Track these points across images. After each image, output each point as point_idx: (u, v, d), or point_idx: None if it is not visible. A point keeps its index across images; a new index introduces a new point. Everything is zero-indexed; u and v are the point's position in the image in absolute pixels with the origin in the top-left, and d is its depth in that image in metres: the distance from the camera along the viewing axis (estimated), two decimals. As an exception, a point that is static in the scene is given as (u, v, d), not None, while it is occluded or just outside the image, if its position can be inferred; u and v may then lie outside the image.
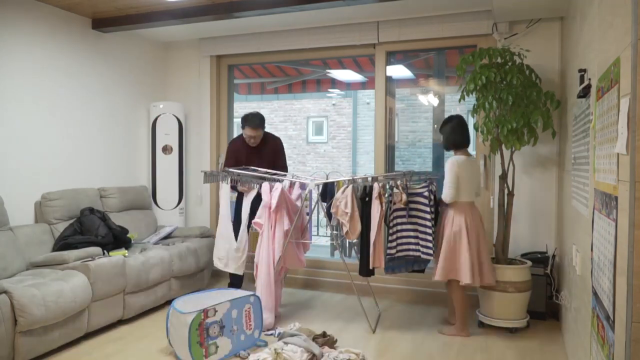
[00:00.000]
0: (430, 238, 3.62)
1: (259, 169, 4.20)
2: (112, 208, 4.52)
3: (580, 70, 2.69)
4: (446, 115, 3.96)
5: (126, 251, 3.94)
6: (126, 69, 5.02)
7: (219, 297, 3.31)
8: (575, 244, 2.88)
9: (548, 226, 4.14)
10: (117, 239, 4.04)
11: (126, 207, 4.69)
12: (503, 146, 3.74)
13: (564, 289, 3.50)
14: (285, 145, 4.59)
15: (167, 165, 5.14)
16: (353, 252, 4.06)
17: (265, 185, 3.80)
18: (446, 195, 3.56)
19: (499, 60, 3.70)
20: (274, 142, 4.44)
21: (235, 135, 4.89)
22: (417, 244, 3.70)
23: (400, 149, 10.88)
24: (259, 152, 4.33)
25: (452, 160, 3.57)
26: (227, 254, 4.01)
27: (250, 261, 4.08)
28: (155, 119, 5.14)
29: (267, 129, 4.43)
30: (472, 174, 3.62)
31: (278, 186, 3.76)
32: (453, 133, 3.66)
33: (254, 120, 4.21)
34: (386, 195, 3.70)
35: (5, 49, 3.82)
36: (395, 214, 3.73)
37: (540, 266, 3.87)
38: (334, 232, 3.87)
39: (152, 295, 4.06)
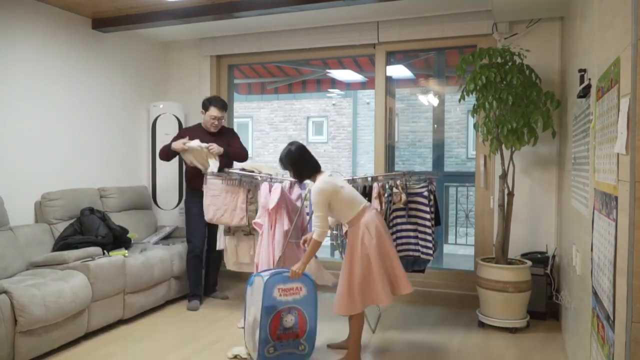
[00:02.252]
0: (430, 238, 3.62)
1: (258, 167, 4.20)
2: (112, 208, 4.52)
3: (580, 70, 2.69)
4: (446, 115, 3.95)
5: (126, 251, 3.94)
6: (126, 69, 5.02)
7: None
8: (575, 244, 2.88)
9: (548, 226, 4.14)
10: (117, 239, 4.04)
11: (126, 207, 4.68)
12: (503, 146, 3.74)
13: (564, 289, 3.50)
14: (285, 145, 4.58)
15: (167, 165, 5.13)
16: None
17: (265, 186, 3.80)
18: (320, 228, 3.02)
19: (499, 60, 3.70)
20: (229, 131, 4.51)
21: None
22: (417, 244, 3.70)
23: (400, 149, 10.89)
24: (218, 140, 4.20)
25: (314, 191, 3.04)
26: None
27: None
28: (155, 119, 5.13)
29: (267, 128, 4.43)
30: (343, 186, 3.13)
31: (278, 186, 3.76)
32: (305, 159, 3.17)
33: (220, 101, 4.25)
34: (386, 195, 3.70)
35: (5, 49, 3.82)
36: (394, 214, 3.72)
37: (540, 266, 3.87)
38: (334, 232, 3.87)
39: (152, 295, 4.06)
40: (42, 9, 4.11)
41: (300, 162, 3.17)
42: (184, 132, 4.31)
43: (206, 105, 4.22)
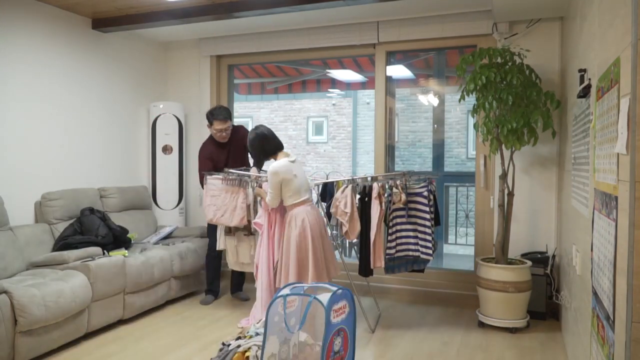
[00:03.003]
0: (429, 238, 3.63)
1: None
2: (112, 208, 4.52)
3: (580, 70, 2.69)
4: (446, 115, 3.96)
5: (126, 251, 3.94)
6: (126, 69, 5.02)
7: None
8: (575, 244, 2.88)
9: (548, 226, 4.14)
10: (117, 239, 4.05)
11: (126, 207, 4.69)
12: (503, 146, 3.74)
13: (564, 289, 3.50)
14: (285, 145, 4.60)
15: (167, 165, 5.14)
16: (353, 252, 4.06)
17: (265, 186, 3.80)
18: (268, 201, 3.53)
19: (499, 60, 3.70)
20: (241, 130, 4.45)
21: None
22: (417, 244, 3.70)
23: (400, 149, 10.88)
24: (233, 145, 4.33)
25: (271, 170, 3.45)
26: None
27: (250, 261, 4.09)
28: (155, 119, 5.14)
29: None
30: (300, 173, 3.53)
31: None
32: (266, 142, 3.58)
33: (222, 112, 4.23)
34: (385, 195, 3.70)
35: (5, 49, 3.82)
36: (394, 214, 3.72)
37: (540, 266, 3.87)
38: (334, 232, 3.87)
39: (152, 295, 4.06)
40: (42, 9, 4.11)
41: (261, 144, 3.57)
42: (203, 154, 4.35)
43: (210, 119, 4.24)
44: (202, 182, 4.24)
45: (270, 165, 3.52)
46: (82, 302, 3.34)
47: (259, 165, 3.77)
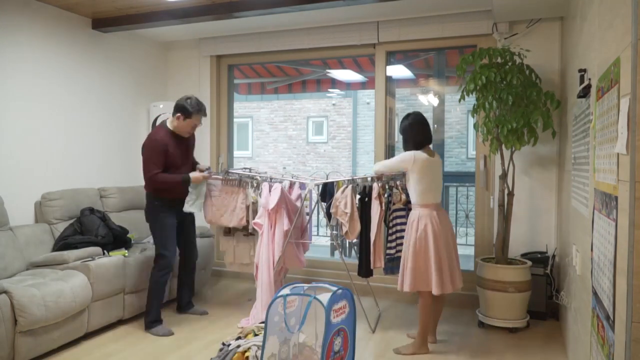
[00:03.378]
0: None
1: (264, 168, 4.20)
2: (112, 208, 4.52)
3: (580, 70, 2.69)
4: (446, 115, 3.96)
5: (126, 251, 3.94)
6: (126, 69, 5.02)
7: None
8: (575, 244, 2.88)
9: (548, 226, 4.14)
10: (117, 239, 4.04)
11: (126, 207, 4.68)
12: (503, 146, 3.74)
13: (564, 289, 3.50)
14: (285, 145, 4.59)
15: (167, 165, 5.13)
16: (353, 252, 4.06)
17: (265, 186, 3.80)
18: (377, 168, 3.54)
19: (499, 60, 3.70)
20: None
21: (235, 136, 4.84)
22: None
23: (400, 149, 10.89)
24: (190, 142, 3.99)
25: (410, 153, 3.31)
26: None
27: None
28: (155, 119, 5.13)
29: (267, 128, 4.42)
30: (436, 174, 3.38)
31: (278, 186, 3.76)
32: (412, 131, 3.39)
33: (204, 107, 3.84)
34: (385, 195, 3.70)
35: (5, 49, 3.82)
36: (394, 214, 3.72)
37: (540, 266, 3.87)
38: (334, 232, 3.87)
39: (152, 295, 4.05)
40: (42, 9, 4.11)
41: (411, 130, 3.40)
42: (158, 146, 3.70)
43: (187, 112, 3.71)
44: (151, 184, 3.73)
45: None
46: (82, 302, 3.34)
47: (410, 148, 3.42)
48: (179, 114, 3.74)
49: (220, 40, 5.18)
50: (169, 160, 3.73)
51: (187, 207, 3.85)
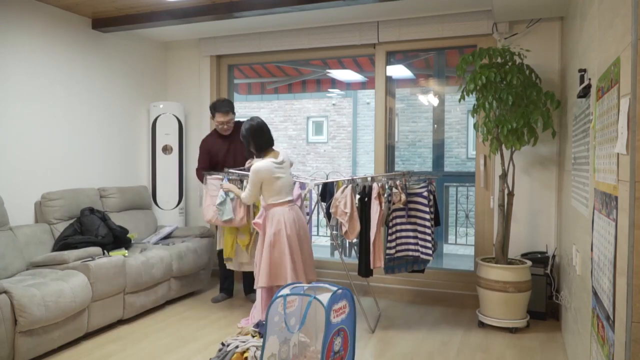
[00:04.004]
0: (429, 238, 3.63)
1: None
2: (112, 208, 4.52)
3: (580, 70, 2.69)
4: (446, 115, 3.96)
5: (126, 251, 3.94)
6: (126, 68, 5.02)
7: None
8: (575, 244, 2.88)
9: (548, 226, 4.14)
10: (117, 239, 4.05)
11: (126, 207, 4.69)
12: (503, 146, 3.74)
13: (564, 289, 3.50)
14: (285, 145, 4.61)
15: (167, 165, 5.14)
16: (353, 252, 4.06)
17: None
18: (243, 198, 3.58)
19: (499, 60, 3.70)
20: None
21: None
22: (417, 244, 3.70)
23: (400, 149, 10.88)
24: (236, 140, 4.26)
25: (253, 168, 3.46)
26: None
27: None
28: (155, 119, 5.14)
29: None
30: (283, 174, 3.50)
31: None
32: (259, 136, 3.55)
33: (223, 105, 4.24)
34: (385, 195, 3.70)
35: (5, 49, 3.82)
36: (394, 214, 3.72)
37: (540, 266, 3.87)
38: (334, 232, 3.87)
39: (152, 295, 4.06)
40: (42, 9, 4.11)
41: (254, 136, 3.55)
42: (203, 147, 4.40)
43: (212, 112, 4.26)
44: (199, 177, 4.32)
45: (254, 163, 3.54)
46: (82, 302, 3.34)
47: (251, 156, 3.79)
48: (210, 115, 4.33)
49: (220, 40, 5.18)
50: (211, 158, 4.33)
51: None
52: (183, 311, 4.19)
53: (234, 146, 4.32)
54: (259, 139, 3.54)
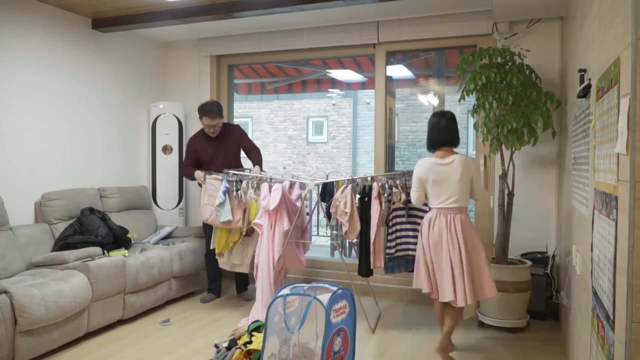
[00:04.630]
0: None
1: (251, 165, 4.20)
2: (112, 208, 4.52)
3: (580, 70, 2.69)
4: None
5: (126, 251, 3.94)
6: (126, 69, 5.02)
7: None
8: (575, 244, 2.88)
9: (548, 226, 4.14)
10: (117, 239, 4.05)
11: (126, 207, 4.69)
12: (503, 146, 3.74)
13: (564, 289, 3.50)
14: (284, 145, 4.62)
15: (167, 165, 5.14)
16: (353, 252, 4.06)
17: (265, 186, 3.80)
18: (411, 197, 3.34)
19: (499, 60, 3.70)
20: (235, 129, 4.47)
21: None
22: (417, 243, 3.69)
23: (400, 149, 10.88)
24: (223, 142, 4.34)
25: (418, 164, 3.25)
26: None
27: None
28: (155, 119, 5.14)
29: (267, 128, 4.43)
30: (445, 177, 3.13)
31: (278, 187, 3.76)
32: (435, 131, 3.24)
33: (212, 109, 4.22)
34: (385, 194, 3.70)
35: (5, 49, 3.82)
36: (394, 213, 3.72)
37: (540, 266, 3.87)
38: (334, 232, 3.87)
39: (152, 295, 4.06)
40: (42, 9, 4.11)
41: (429, 130, 3.27)
42: (190, 145, 4.40)
43: (200, 114, 4.25)
44: (186, 175, 4.35)
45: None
46: (82, 302, 3.34)
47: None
48: (198, 116, 4.30)
49: (220, 40, 5.18)
50: (198, 158, 4.35)
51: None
52: (183, 311, 4.19)
53: (222, 147, 4.33)
54: (433, 134, 3.23)
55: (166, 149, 5.12)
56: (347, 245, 4.07)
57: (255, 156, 4.39)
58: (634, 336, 1.48)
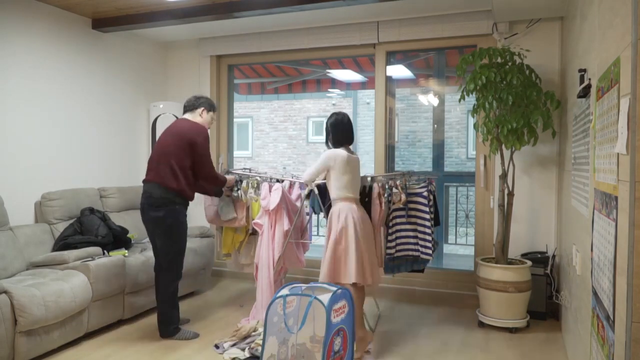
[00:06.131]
0: (429, 238, 3.62)
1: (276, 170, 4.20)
2: (112, 208, 4.52)
3: (580, 70, 2.69)
4: (446, 115, 3.94)
5: (126, 251, 3.94)
6: (126, 69, 5.02)
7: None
8: (575, 244, 2.88)
9: (548, 226, 4.14)
10: (117, 239, 4.04)
11: (126, 207, 4.69)
12: (503, 146, 3.74)
13: (564, 289, 3.50)
14: (284, 145, 4.61)
15: (167, 165, 5.13)
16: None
17: (265, 186, 3.80)
18: (305, 175, 3.46)
19: (499, 60, 3.70)
20: None
21: (235, 136, 4.86)
22: (417, 243, 3.70)
23: (400, 149, 10.88)
24: None
25: (330, 151, 3.32)
26: None
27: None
28: (155, 119, 5.14)
29: (267, 128, 4.44)
30: (355, 171, 3.35)
31: (278, 187, 3.76)
32: (334, 130, 3.38)
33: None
34: (385, 195, 3.70)
35: (5, 49, 3.82)
36: (394, 213, 3.72)
37: (540, 266, 3.87)
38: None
39: (152, 295, 4.04)
40: (42, 9, 4.11)
41: (333, 129, 3.38)
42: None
43: (213, 109, 3.77)
44: (210, 181, 3.68)
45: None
46: (82, 302, 3.33)
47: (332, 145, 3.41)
48: (205, 109, 3.69)
49: (220, 40, 5.18)
50: None
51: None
52: (184, 311, 4.18)
53: None
54: (338, 133, 3.38)
55: (166, 149, 5.11)
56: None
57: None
58: (634, 336, 1.48)
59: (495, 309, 3.69)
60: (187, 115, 3.69)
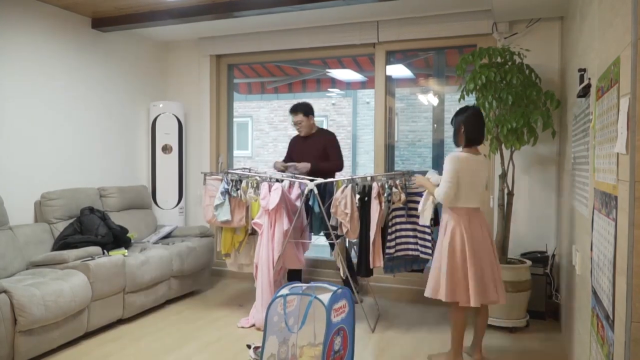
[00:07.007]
0: (429, 238, 3.62)
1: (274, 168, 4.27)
2: (111, 207, 4.52)
3: (580, 70, 2.69)
4: (446, 115, 3.94)
5: (126, 251, 3.94)
6: (126, 68, 5.02)
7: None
8: (575, 244, 2.88)
9: (548, 226, 4.14)
10: (117, 239, 4.04)
11: (126, 206, 4.69)
12: (503, 146, 3.74)
13: (564, 288, 3.50)
14: (285, 145, 4.62)
15: (167, 164, 5.14)
16: (353, 252, 4.06)
17: (265, 186, 3.79)
18: (439, 193, 3.00)
19: (498, 59, 3.70)
20: (326, 137, 4.48)
21: (235, 134, 4.89)
22: (416, 243, 3.70)
23: (400, 148, 10.88)
24: (308, 144, 4.41)
25: (453, 156, 2.98)
26: None
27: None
28: (155, 119, 5.14)
29: (267, 128, 4.46)
30: (477, 176, 3.01)
31: (278, 186, 3.76)
32: (467, 125, 3.01)
33: (294, 106, 4.48)
34: (385, 194, 3.70)
35: (5, 49, 3.82)
36: (394, 213, 3.72)
37: (540, 266, 3.87)
38: (334, 232, 3.87)
39: (152, 295, 4.06)
40: (42, 9, 4.11)
41: (458, 126, 3.06)
42: (289, 142, 4.67)
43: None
44: (338, 171, 4.34)
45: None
46: (82, 302, 3.33)
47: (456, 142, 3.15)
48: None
49: (220, 40, 5.18)
50: (289, 154, 4.52)
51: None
52: (183, 311, 4.19)
53: (308, 148, 4.38)
54: (471, 130, 3.01)
55: (166, 149, 5.12)
56: (347, 245, 4.06)
57: (326, 164, 4.29)
58: (633, 336, 1.48)
59: (495, 309, 3.68)
60: None
